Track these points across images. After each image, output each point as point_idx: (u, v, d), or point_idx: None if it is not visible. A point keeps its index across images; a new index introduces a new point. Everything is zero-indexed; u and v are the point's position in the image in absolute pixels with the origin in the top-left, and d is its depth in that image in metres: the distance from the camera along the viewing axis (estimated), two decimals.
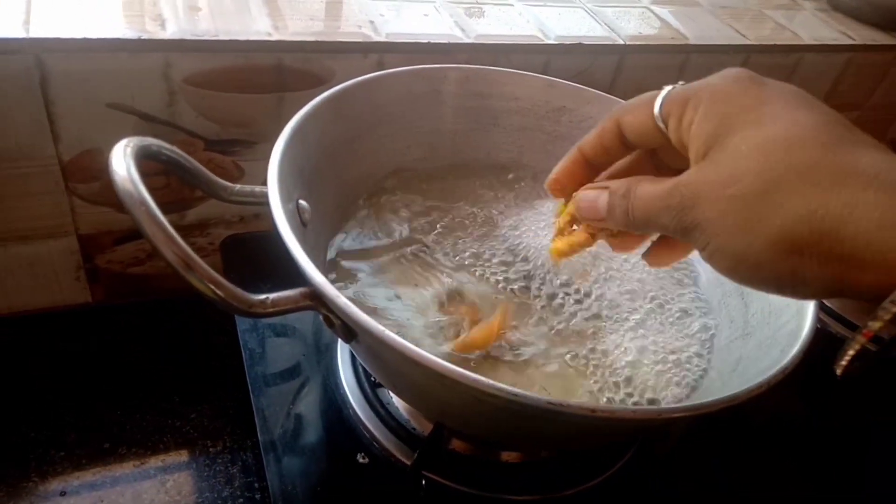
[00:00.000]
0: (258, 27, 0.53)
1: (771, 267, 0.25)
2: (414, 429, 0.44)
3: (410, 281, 0.44)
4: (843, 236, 0.23)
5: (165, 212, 0.58)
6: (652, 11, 0.74)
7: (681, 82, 0.30)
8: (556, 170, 0.35)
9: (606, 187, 0.31)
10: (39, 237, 0.55)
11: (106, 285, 0.61)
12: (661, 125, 0.29)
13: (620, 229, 0.32)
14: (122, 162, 0.30)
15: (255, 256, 0.56)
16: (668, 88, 0.30)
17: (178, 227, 0.61)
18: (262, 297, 0.32)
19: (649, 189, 0.29)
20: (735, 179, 0.25)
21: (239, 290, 0.31)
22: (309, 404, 0.46)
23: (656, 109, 0.29)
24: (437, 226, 0.49)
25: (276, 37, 0.52)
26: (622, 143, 0.32)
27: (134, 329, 0.60)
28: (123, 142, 0.32)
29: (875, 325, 0.24)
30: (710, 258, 0.27)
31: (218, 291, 0.30)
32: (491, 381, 0.29)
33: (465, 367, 0.28)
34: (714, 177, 0.26)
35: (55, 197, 0.53)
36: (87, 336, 0.59)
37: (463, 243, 0.48)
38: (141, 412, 0.54)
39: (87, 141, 0.52)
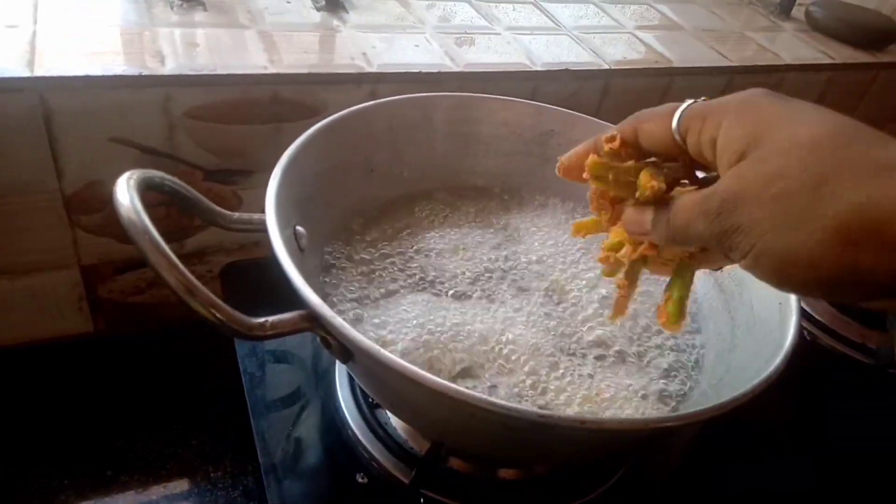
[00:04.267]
0: (254, 61, 0.55)
1: (827, 264, 0.24)
2: (412, 448, 0.45)
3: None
4: None
5: (165, 241, 0.60)
6: (637, 37, 0.77)
7: (702, 98, 0.30)
8: (570, 156, 0.34)
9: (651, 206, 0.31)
10: (43, 269, 0.57)
11: (108, 315, 0.62)
12: (678, 138, 0.30)
13: (662, 243, 0.31)
14: (125, 193, 0.31)
15: (254, 283, 0.58)
16: (688, 102, 0.30)
17: (177, 256, 0.63)
18: (262, 320, 0.33)
19: (687, 198, 0.29)
20: (780, 176, 0.25)
21: (238, 314, 0.32)
22: (308, 427, 0.47)
23: (674, 123, 0.30)
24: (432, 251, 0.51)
25: (271, 70, 0.54)
26: (636, 148, 0.32)
27: (135, 357, 0.61)
28: (127, 174, 0.33)
29: None
30: (755, 262, 0.26)
31: (219, 315, 0.31)
32: (484, 396, 0.30)
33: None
34: (755, 176, 0.26)
35: (58, 230, 0.55)
36: (89, 365, 0.60)
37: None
38: (143, 440, 0.55)
39: (89, 174, 0.53)
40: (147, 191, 0.34)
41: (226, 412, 0.57)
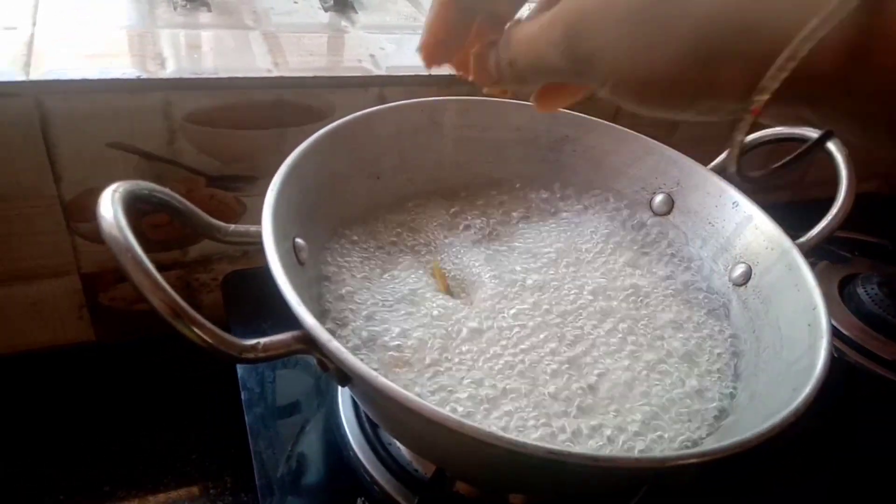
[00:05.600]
0: (258, 64, 0.53)
1: (688, 80, 0.22)
2: (416, 471, 0.43)
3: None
4: (759, 25, 0.21)
5: (168, 248, 0.59)
6: None
7: None
8: (427, 35, 0.30)
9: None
10: (42, 277, 0.55)
11: (109, 323, 0.61)
12: None
13: (514, 88, 0.28)
14: (109, 207, 0.29)
15: (258, 293, 0.56)
16: None
17: (181, 264, 0.62)
18: (253, 342, 0.31)
19: (527, 29, 0.25)
20: None
21: (228, 336, 0.30)
22: (308, 446, 0.45)
23: None
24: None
25: (275, 73, 0.52)
26: None
27: (136, 367, 0.60)
28: (113, 186, 0.31)
29: (762, 97, 0.21)
30: (614, 91, 0.24)
31: (206, 338, 0.29)
32: (490, 430, 0.28)
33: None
34: None
35: (57, 236, 0.53)
36: (89, 374, 0.59)
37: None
38: (142, 453, 0.54)
39: (88, 180, 0.52)
40: (136, 203, 0.32)
41: (228, 425, 0.55)
